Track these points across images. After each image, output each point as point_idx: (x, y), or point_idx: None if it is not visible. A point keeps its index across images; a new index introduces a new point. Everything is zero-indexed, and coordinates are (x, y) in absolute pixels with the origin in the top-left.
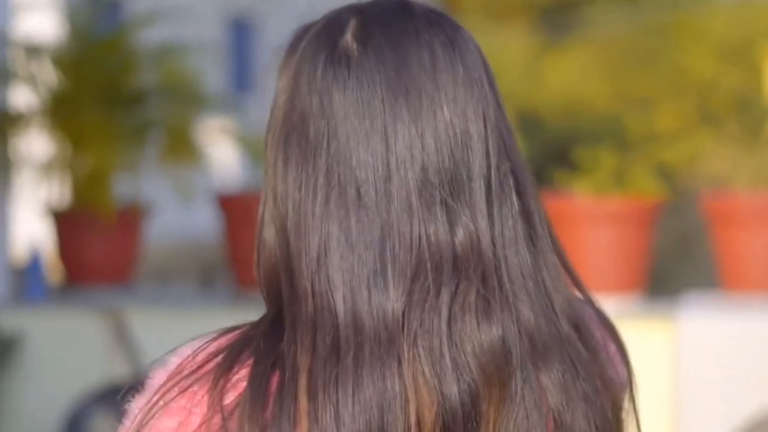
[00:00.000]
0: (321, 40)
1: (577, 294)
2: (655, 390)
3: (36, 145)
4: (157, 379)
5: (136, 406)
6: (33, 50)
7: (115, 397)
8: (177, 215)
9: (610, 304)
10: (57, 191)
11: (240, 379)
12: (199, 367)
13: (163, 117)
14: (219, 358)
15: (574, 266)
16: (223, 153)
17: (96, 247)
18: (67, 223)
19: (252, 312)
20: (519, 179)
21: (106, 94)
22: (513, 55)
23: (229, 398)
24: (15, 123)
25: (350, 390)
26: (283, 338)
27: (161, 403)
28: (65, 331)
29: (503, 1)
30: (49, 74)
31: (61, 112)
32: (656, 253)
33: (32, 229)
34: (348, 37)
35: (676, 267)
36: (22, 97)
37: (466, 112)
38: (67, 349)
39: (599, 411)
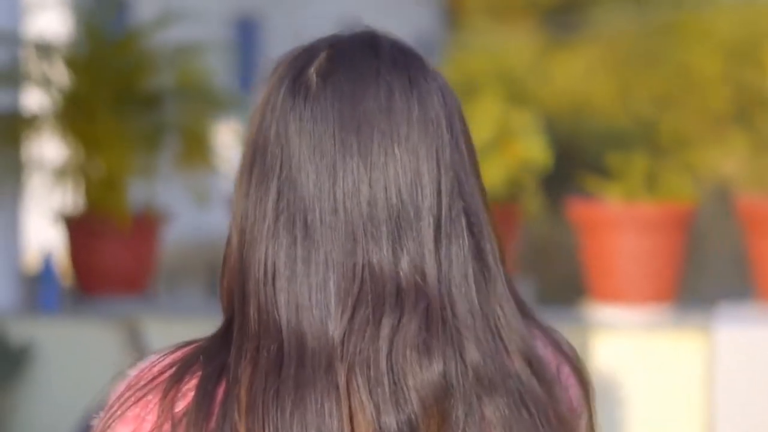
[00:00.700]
0: (288, 70)
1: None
2: (690, 403)
3: (48, 148)
4: (117, 391)
5: (99, 418)
6: (45, 51)
7: None
8: (191, 218)
9: (640, 315)
10: (70, 196)
11: (190, 389)
12: (154, 378)
13: (179, 119)
14: (172, 370)
15: (600, 274)
16: (236, 155)
17: (110, 255)
18: (80, 229)
19: None
20: (472, 219)
21: (119, 96)
22: (518, 55)
23: (179, 407)
24: (27, 126)
25: (290, 409)
26: (228, 353)
27: (118, 412)
28: (78, 340)
29: (508, 1)
30: (61, 76)
31: (73, 115)
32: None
33: (44, 236)
34: (312, 70)
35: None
36: (34, 99)
37: (419, 152)
38: (81, 359)
39: None
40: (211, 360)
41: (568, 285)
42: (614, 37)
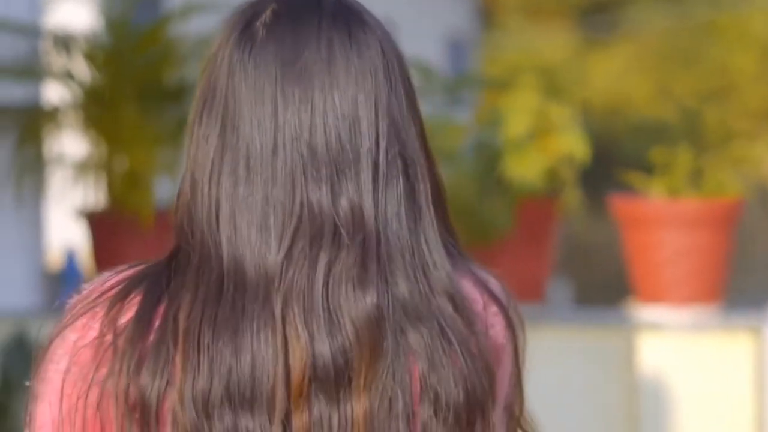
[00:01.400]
0: (237, 23)
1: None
2: (739, 405)
3: (70, 144)
4: (71, 302)
5: (54, 326)
6: (65, 43)
7: None
8: None
9: (687, 316)
10: (92, 193)
11: (133, 305)
12: (104, 293)
13: None
14: (120, 286)
15: (643, 273)
16: None
17: (133, 252)
18: (103, 226)
19: None
20: (408, 162)
21: (144, 90)
22: (554, 54)
23: (122, 320)
24: (48, 120)
25: (225, 336)
26: (174, 278)
27: (69, 321)
28: None
29: (543, 1)
30: (83, 68)
31: (96, 109)
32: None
33: (66, 233)
34: (258, 23)
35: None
36: (55, 93)
37: (357, 99)
38: None
39: (470, 375)
40: (155, 282)
41: (609, 284)
42: (651, 36)
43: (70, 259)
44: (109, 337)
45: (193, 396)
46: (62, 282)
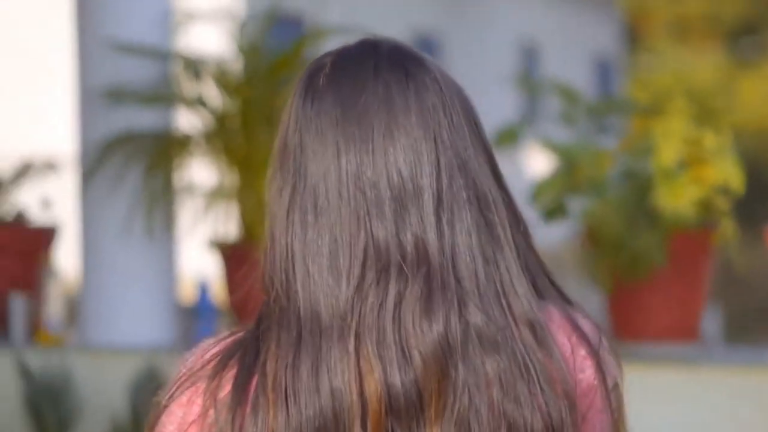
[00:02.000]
0: (303, 75)
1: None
2: None
3: (201, 171)
4: (176, 374)
5: (161, 395)
6: (196, 67)
7: None
8: None
9: None
10: (224, 222)
11: (230, 377)
12: (204, 366)
13: None
14: (216, 360)
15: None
16: None
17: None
18: (236, 257)
19: None
20: (477, 193)
21: (277, 116)
22: (704, 76)
23: (222, 393)
24: (179, 147)
25: (308, 379)
26: (262, 339)
27: (176, 394)
28: None
29: (692, 22)
30: (214, 94)
31: (227, 136)
32: None
33: (198, 264)
34: (321, 74)
35: None
36: (185, 119)
37: (416, 135)
38: None
39: (549, 405)
40: (248, 350)
41: (764, 314)
42: None
43: (203, 292)
44: (211, 412)
45: None
46: (195, 315)
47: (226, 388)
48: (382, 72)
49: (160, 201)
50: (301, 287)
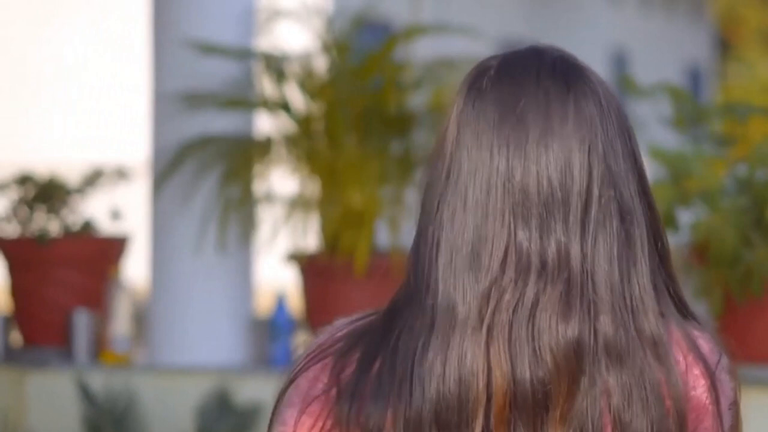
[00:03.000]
0: (469, 77)
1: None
2: None
3: (282, 178)
4: (309, 347)
5: (292, 366)
6: (279, 68)
7: None
8: None
9: None
10: (305, 233)
11: (355, 360)
12: (333, 344)
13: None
14: (345, 339)
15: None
16: None
17: (348, 299)
18: (316, 270)
19: None
20: (624, 208)
21: (364, 121)
22: None
23: (347, 373)
24: (258, 152)
25: (436, 363)
26: (392, 324)
27: (303, 367)
28: None
29: None
30: (297, 96)
31: (310, 141)
32: None
33: (277, 277)
34: (486, 77)
35: None
36: (266, 123)
37: (571, 145)
38: None
39: (659, 419)
40: (375, 336)
41: None
42: None
43: (281, 306)
44: (334, 392)
45: (405, 422)
46: (271, 330)
47: (351, 368)
48: (543, 79)
49: (236, 211)
50: (441, 277)
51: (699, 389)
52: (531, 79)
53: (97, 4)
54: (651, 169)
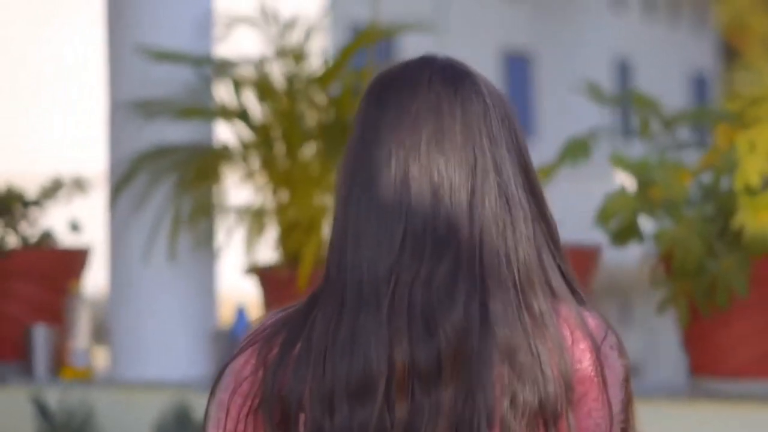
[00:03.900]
0: (369, 87)
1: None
2: None
3: (238, 188)
4: (247, 333)
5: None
6: (234, 76)
7: None
8: None
9: None
10: (263, 244)
11: (278, 343)
12: (263, 331)
13: None
14: (272, 328)
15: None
16: None
17: None
18: (275, 280)
19: None
20: (507, 193)
21: (323, 129)
22: None
23: (272, 355)
24: (213, 162)
25: (346, 343)
26: (312, 309)
27: (238, 353)
28: None
29: None
30: (253, 104)
31: (268, 150)
32: None
33: (235, 288)
34: (384, 85)
35: None
36: (222, 131)
37: (459, 141)
38: None
39: (545, 390)
40: (297, 321)
41: None
42: None
43: (241, 317)
44: (260, 373)
45: (320, 395)
46: (231, 342)
47: (275, 350)
48: (434, 84)
49: (192, 221)
50: (350, 262)
51: (585, 362)
52: (423, 84)
53: (97, 4)
54: (620, 179)
